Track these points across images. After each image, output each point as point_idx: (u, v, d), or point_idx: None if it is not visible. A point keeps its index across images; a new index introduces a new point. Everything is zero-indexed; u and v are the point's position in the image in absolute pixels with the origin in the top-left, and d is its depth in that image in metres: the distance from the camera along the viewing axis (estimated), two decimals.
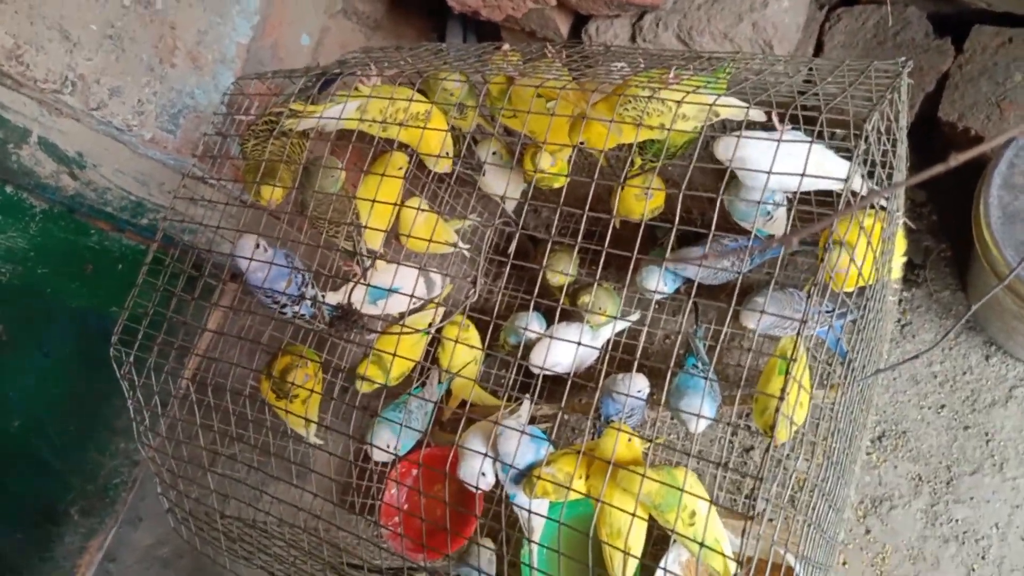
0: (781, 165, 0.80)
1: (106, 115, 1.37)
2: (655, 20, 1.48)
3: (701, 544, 0.70)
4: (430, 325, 1.39)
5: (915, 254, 1.45)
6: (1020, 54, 1.35)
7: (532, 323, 1.46)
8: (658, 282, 1.34)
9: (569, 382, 0.82)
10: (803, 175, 0.68)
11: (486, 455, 1.02)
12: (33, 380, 1.67)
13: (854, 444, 1.14)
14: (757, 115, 0.89)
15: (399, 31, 1.93)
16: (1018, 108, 1.32)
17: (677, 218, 0.76)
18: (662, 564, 1.27)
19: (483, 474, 1.03)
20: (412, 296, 1.06)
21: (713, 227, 0.73)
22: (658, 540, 1.35)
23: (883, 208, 0.93)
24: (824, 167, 0.94)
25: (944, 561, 1.29)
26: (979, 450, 1.33)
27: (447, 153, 1.11)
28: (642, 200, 1.21)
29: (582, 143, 0.98)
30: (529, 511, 0.97)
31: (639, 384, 1.23)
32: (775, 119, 0.89)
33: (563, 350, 1.32)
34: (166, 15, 1.42)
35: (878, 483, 1.37)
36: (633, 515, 0.84)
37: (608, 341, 1.39)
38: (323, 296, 1.23)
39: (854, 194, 0.89)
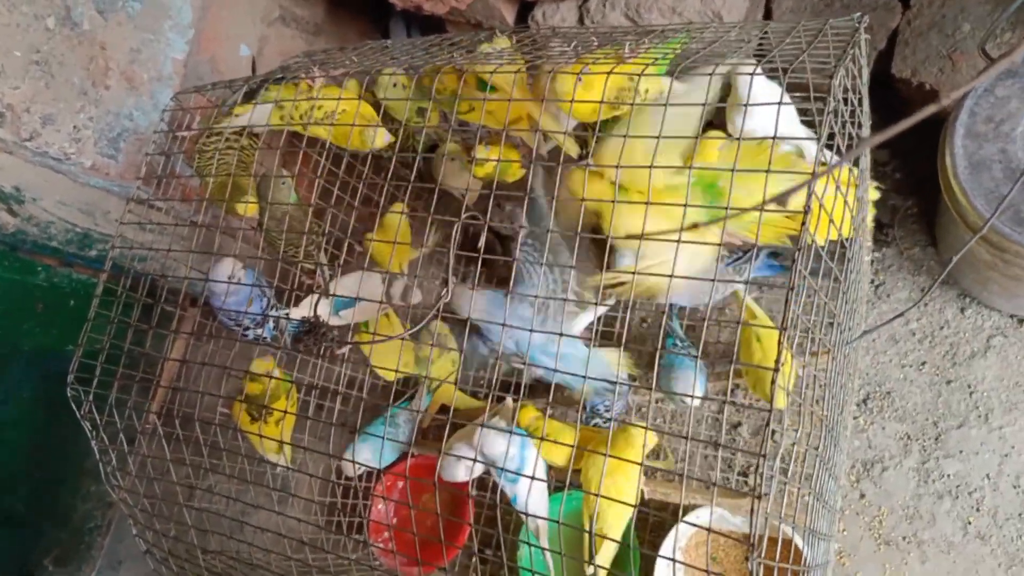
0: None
1: (40, 145, 1.30)
2: (602, 1, 1.46)
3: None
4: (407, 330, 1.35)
5: (883, 213, 1.45)
6: (966, 4, 1.35)
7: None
8: None
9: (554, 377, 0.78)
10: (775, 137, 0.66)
11: (475, 460, 0.98)
12: None
13: (845, 409, 1.12)
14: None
15: (341, 34, 1.88)
16: (969, 58, 1.32)
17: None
18: (661, 551, 1.25)
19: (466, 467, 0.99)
20: (381, 302, 1.03)
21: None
22: (655, 527, 1.33)
23: (856, 166, 0.91)
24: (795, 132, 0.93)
25: (940, 517, 1.29)
26: (964, 403, 1.33)
27: (378, 125, 1.07)
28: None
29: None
30: (527, 514, 0.94)
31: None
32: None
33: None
34: (95, 35, 1.35)
35: (868, 446, 1.36)
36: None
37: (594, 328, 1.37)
38: (287, 313, 1.19)
39: (837, 152, 0.87)
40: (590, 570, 1.06)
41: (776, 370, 0.61)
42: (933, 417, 1.34)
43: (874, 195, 1.06)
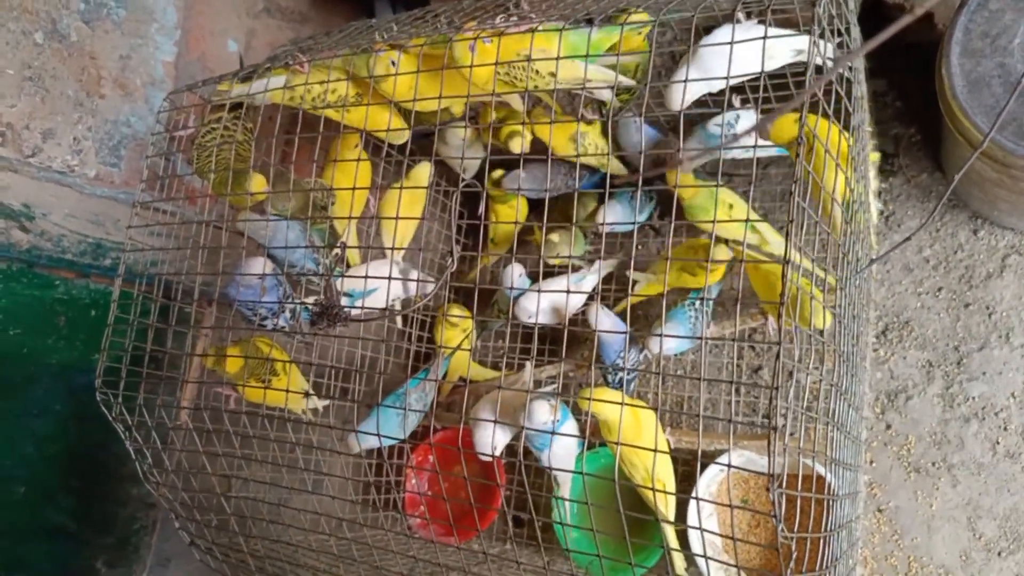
0: (740, 59, 0.78)
1: (43, 160, 1.32)
2: None
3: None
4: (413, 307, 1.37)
5: (886, 143, 1.43)
6: None
7: (516, 278, 1.41)
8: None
9: (565, 333, 0.79)
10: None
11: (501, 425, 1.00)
12: (28, 445, 1.63)
13: (861, 340, 1.13)
14: None
15: (328, 20, 1.88)
16: None
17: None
18: (694, 493, 1.27)
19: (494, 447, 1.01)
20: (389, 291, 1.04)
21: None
22: (685, 477, 1.35)
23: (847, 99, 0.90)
24: (780, 47, 0.92)
25: (968, 440, 1.29)
26: (983, 325, 1.32)
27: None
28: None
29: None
30: (551, 468, 0.95)
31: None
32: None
33: (548, 302, 1.30)
34: (83, 46, 1.36)
35: (890, 377, 1.36)
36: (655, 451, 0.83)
37: (596, 289, 1.37)
38: (300, 301, 1.21)
39: (819, 69, 0.86)
40: (668, 530, 1.09)
41: (782, 304, 0.61)
42: (954, 342, 1.34)
43: (874, 157, 1.05)
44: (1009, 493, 1.26)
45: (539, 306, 1.29)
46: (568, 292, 0.86)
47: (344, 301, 1.24)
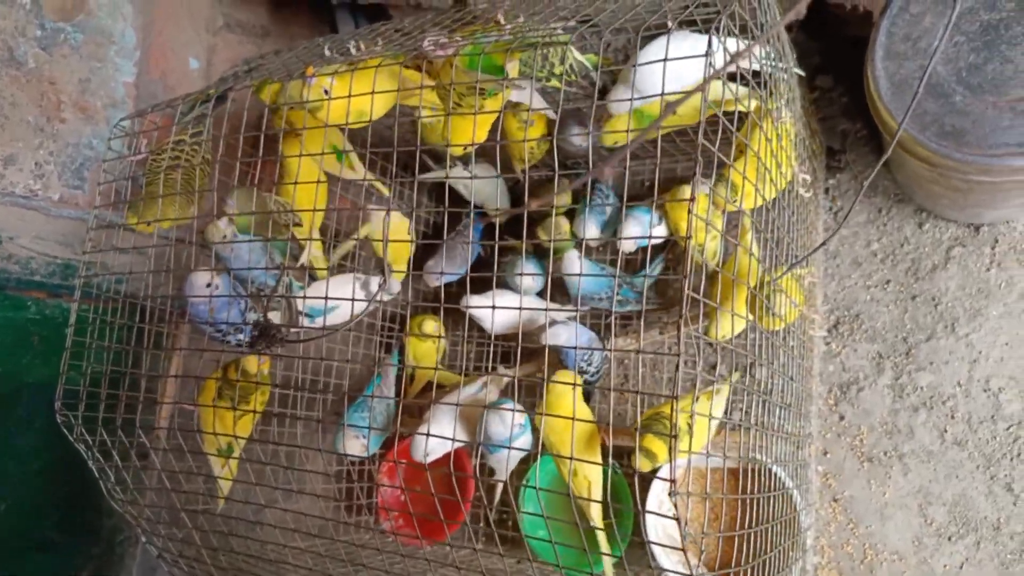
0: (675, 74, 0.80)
1: (6, 186, 1.35)
2: None
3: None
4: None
5: (833, 139, 1.46)
6: None
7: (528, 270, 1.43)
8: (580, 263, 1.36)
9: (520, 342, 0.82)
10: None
11: (426, 435, 1.03)
12: (10, 463, 1.66)
13: (794, 336, 1.16)
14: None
15: (291, 33, 1.90)
16: None
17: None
18: (649, 498, 1.30)
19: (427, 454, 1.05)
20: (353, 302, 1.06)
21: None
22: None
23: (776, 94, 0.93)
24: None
25: (917, 428, 1.33)
26: (930, 316, 1.35)
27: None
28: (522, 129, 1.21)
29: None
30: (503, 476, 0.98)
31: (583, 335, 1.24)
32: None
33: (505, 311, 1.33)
34: (41, 71, 1.39)
35: (842, 369, 1.39)
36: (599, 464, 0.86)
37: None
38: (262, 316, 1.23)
39: (753, 76, 0.89)
40: (600, 536, 1.12)
41: (682, 315, 0.64)
42: (902, 333, 1.37)
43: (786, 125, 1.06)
44: (957, 479, 1.29)
45: (495, 318, 1.32)
46: (521, 308, 0.88)
47: (304, 320, 1.28)
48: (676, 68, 0.79)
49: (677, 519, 0.62)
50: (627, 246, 1.25)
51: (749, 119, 0.92)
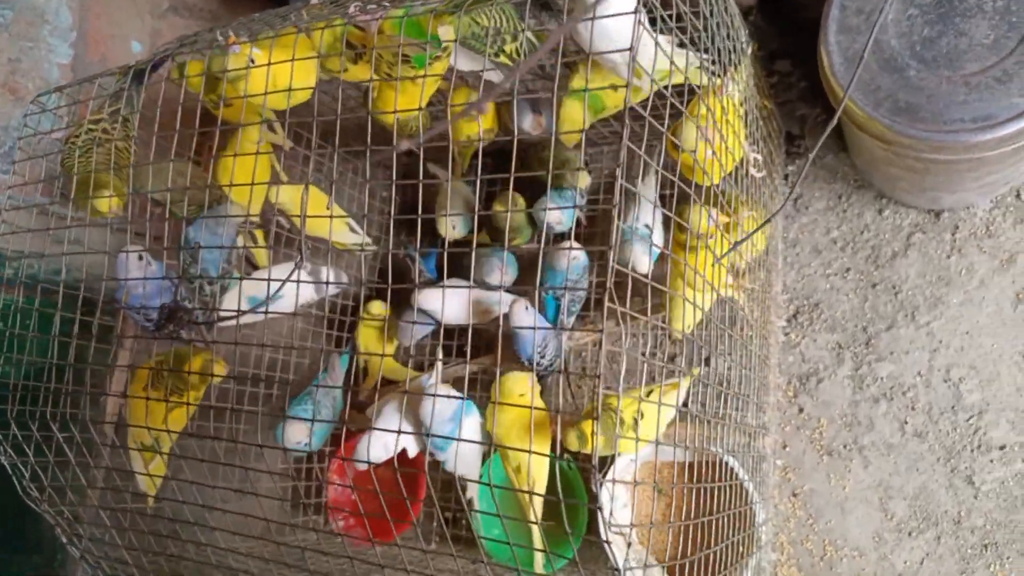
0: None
1: None
2: None
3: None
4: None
5: (792, 124, 1.43)
6: None
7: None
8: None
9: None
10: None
11: (370, 430, 0.97)
12: None
13: (738, 326, 1.11)
14: None
15: (240, 16, 1.84)
16: None
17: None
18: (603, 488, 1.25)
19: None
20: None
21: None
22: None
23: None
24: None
25: (877, 420, 1.29)
26: (890, 304, 1.32)
27: None
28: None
29: None
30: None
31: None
32: None
33: (455, 301, 1.28)
34: None
35: (802, 360, 1.36)
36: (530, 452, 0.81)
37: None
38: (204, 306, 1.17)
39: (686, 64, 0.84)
40: (535, 531, 1.06)
41: (608, 294, 0.59)
42: (862, 322, 1.33)
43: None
44: (918, 472, 1.26)
45: (442, 304, 1.28)
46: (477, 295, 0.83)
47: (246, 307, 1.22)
48: (609, 29, 0.75)
49: (600, 508, 0.57)
50: (553, 217, 1.22)
51: (689, 91, 0.88)
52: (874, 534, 1.26)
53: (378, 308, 1.45)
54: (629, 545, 1.16)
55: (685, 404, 1.41)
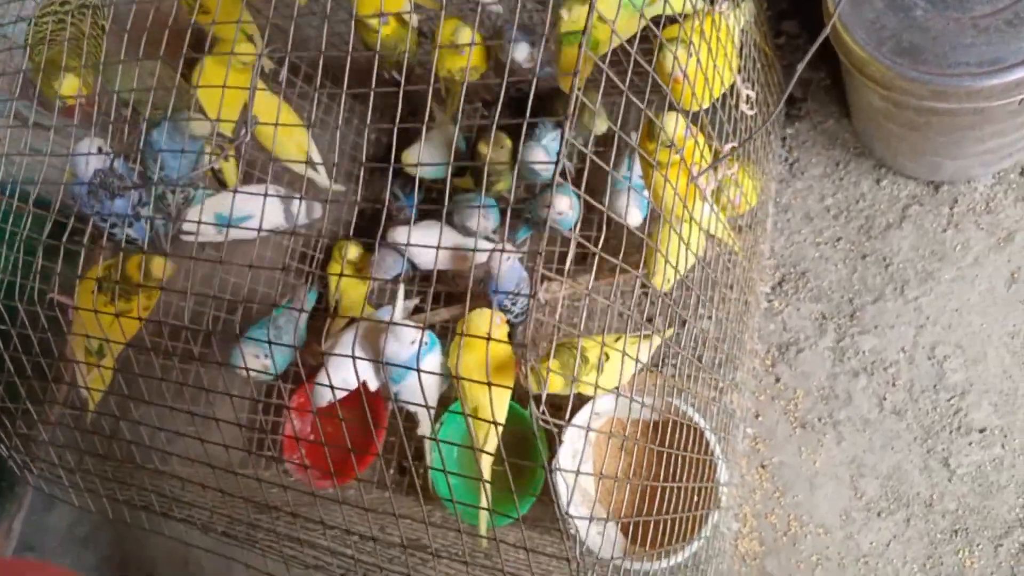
0: None
1: None
2: None
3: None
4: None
5: (794, 87, 1.37)
6: None
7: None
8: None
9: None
10: None
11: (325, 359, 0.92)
12: None
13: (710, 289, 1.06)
14: None
15: None
16: None
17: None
18: (564, 440, 1.20)
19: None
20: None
21: None
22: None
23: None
24: None
25: (856, 395, 1.24)
26: (879, 277, 1.26)
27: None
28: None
29: None
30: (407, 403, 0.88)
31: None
32: None
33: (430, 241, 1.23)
34: None
35: (783, 329, 1.31)
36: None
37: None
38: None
39: None
40: (484, 461, 1.01)
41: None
42: (849, 294, 1.28)
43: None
44: (893, 451, 1.20)
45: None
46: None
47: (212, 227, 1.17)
48: None
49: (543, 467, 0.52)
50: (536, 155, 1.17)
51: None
52: (842, 512, 1.21)
53: (354, 253, 1.40)
54: (574, 492, 1.12)
55: (656, 364, 1.37)
